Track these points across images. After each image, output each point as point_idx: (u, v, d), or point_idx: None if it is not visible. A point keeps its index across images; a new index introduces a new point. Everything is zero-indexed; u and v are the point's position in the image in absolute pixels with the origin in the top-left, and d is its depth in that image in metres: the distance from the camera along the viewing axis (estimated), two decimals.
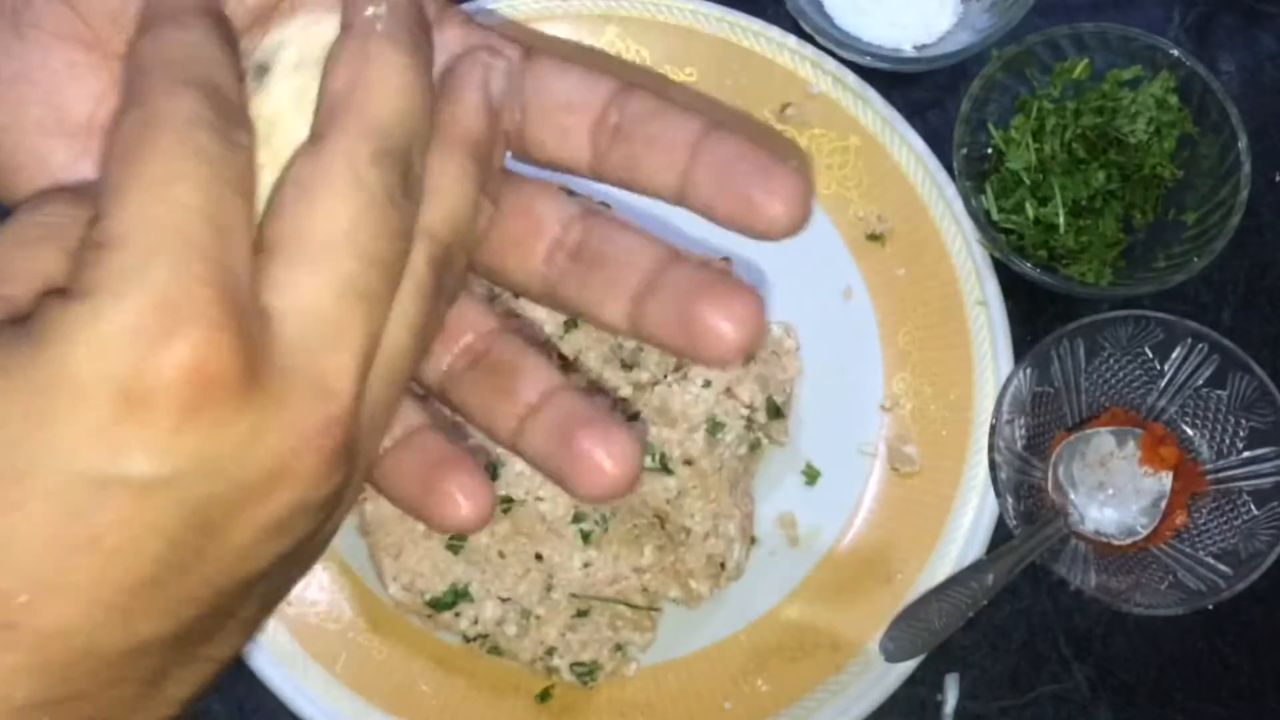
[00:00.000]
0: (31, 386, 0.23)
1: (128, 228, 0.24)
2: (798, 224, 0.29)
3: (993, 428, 0.67)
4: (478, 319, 0.33)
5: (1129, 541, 0.68)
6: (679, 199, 0.31)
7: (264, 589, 0.27)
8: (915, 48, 0.78)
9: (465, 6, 0.77)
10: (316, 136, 0.27)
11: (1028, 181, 0.71)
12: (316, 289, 0.25)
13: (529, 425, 0.31)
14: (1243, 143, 0.69)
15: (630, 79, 0.32)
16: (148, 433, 0.23)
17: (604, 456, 0.29)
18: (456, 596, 0.66)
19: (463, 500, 0.30)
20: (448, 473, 0.30)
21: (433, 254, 0.28)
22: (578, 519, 0.67)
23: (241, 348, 0.23)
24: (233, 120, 0.26)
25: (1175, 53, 0.70)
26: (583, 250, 0.32)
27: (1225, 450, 0.68)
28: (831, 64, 0.76)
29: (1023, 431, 0.69)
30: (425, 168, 0.28)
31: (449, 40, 0.31)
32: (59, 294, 0.24)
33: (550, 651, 0.67)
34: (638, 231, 0.33)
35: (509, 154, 0.32)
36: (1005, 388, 0.67)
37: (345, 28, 0.28)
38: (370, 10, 0.28)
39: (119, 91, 0.28)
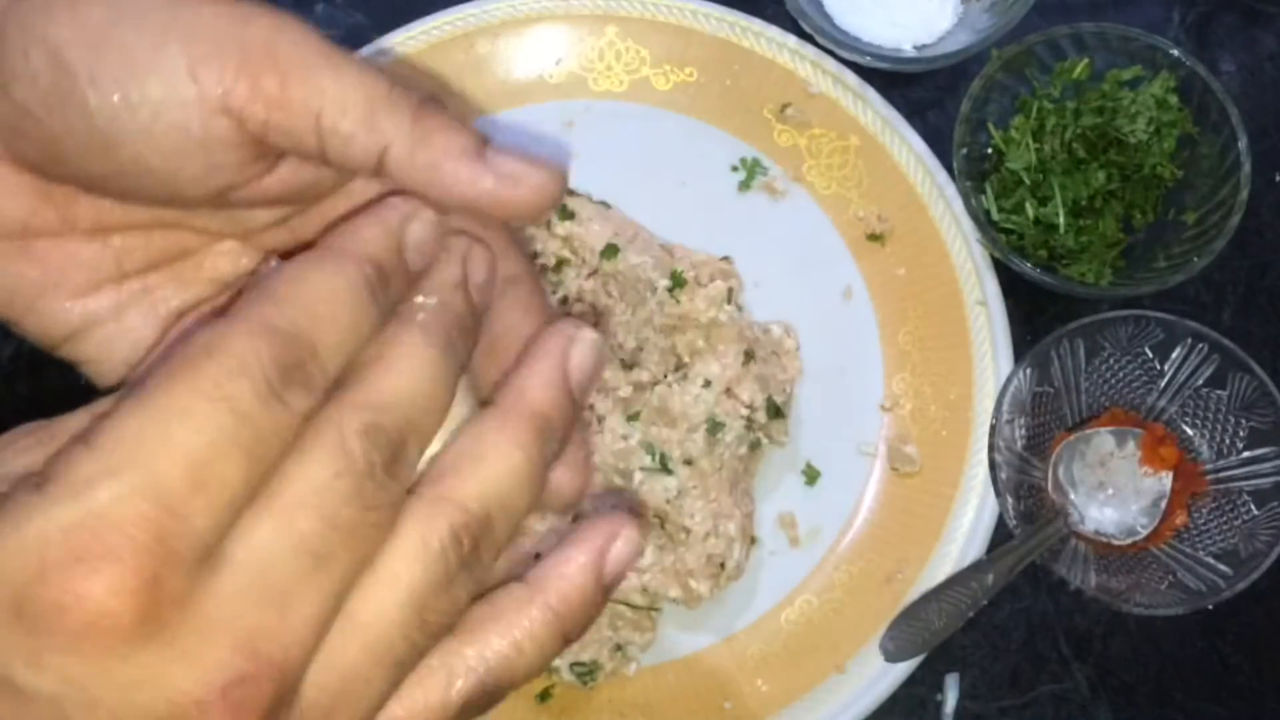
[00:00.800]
0: None
1: (108, 439, 0.24)
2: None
3: (993, 428, 0.67)
4: None
5: (1129, 541, 0.68)
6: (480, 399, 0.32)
7: None
8: (915, 48, 0.78)
9: (436, 16, 0.77)
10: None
11: (1028, 181, 0.71)
12: (271, 542, 0.25)
13: None
14: (1243, 143, 0.69)
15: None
16: (32, 647, 0.23)
17: None
18: None
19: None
20: None
21: (455, 525, 0.27)
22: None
23: (150, 597, 0.23)
24: (296, 379, 0.25)
25: (1175, 53, 0.70)
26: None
27: (1225, 450, 0.68)
28: (831, 64, 0.76)
29: (1023, 431, 0.69)
30: (422, 453, 0.28)
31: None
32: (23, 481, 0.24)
33: None
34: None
35: None
36: (1005, 388, 0.67)
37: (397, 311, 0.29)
38: (420, 299, 0.29)
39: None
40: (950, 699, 0.69)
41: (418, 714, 0.29)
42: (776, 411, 0.70)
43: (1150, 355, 0.69)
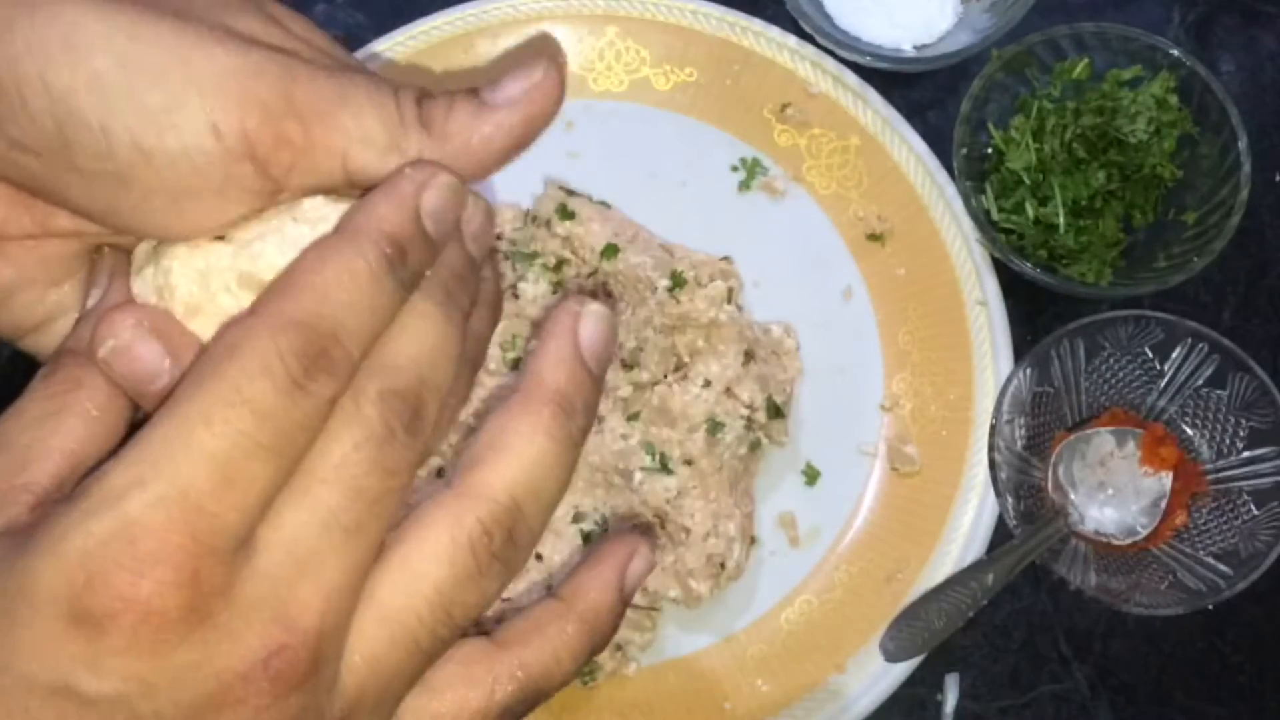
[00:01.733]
0: (4, 593, 0.24)
1: (135, 451, 0.25)
2: None
3: (993, 428, 0.67)
4: None
5: (1129, 541, 0.68)
6: None
7: None
8: (915, 48, 0.78)
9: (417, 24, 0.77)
10: None
11: (1028, 181, 0.71)
12: (300, 521, 0.26)
13: None
14: (1243, 143, 0.69)
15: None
16: (91, 653, 0.24)
17: None
18: None
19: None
20: None
21: (483, 519, 0.28)
22: (577, 519, 0.67)
23: (193, 590, 0.24)
24: (320, 367, 0.26)
25: (1175, 53, 0.70)
26: None
27: (1225, 450, 0.68)
28: (831, 64, 0.76)
29: (1023, 431, 0.69)
30: (445, 408, 0.29)
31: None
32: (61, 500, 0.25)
33: None
34: None
35: None
36: (1005, 388, 0.67)
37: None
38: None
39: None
40: (950, 699, 0.69)
41: (461, 714, 0.30)
42: (776, 411, 0.70)
43: (1150, 355, 0.69)
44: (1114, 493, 0.69)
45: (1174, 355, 0.68)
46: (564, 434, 0.29)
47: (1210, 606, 0.63)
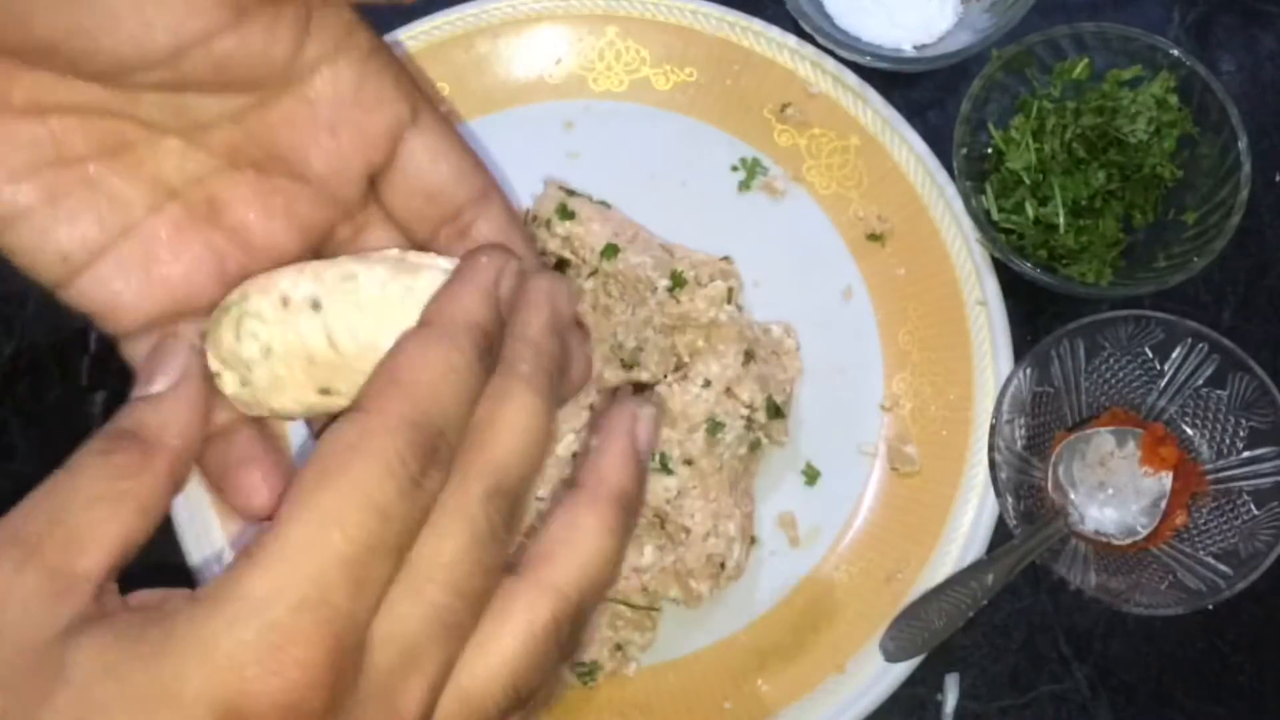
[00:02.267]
0: (145, 692, 0.25)
1: (273, 555, 0.26)
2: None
3: (993, 428, 0.67)
4: None
5: (1129, 541, 0.68)
6: None
7: None
8: (915, 48, 0.78)
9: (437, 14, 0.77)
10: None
11: (1028, 181, 0.71)
12: (411, 617, 0.27)
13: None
14: (1243, 143, 0.69)
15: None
16: None
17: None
18: None
19: (252, 493, 0.33)
20: (248, 468, 0.33)
21: (557, 612, 0.30)
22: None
23: (334, 688, 0.26)
24: (434, 460, 0.27)
25: (1175, 53, 0.70)
26: None
27: (1225, 450, 0.68)
28: (831, 64, 0.76)
29: (1023, 431, 0.69)
30: (531, 497, 0.30)
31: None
32: (187, 597, 0.26)
33: None
34: None
35: None
36: (1005, 388, 0.67)
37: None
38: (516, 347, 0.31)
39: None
40: (950, 699, 0.69)
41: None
42: (776, 411, 0.70)
43: (1150, 355, 0.69)
44: (1114, 493, 0.69)
45: (1174, 355, 0.68)
46: (625, 532, 0.32)
47: (1210, 606, 0.63)
